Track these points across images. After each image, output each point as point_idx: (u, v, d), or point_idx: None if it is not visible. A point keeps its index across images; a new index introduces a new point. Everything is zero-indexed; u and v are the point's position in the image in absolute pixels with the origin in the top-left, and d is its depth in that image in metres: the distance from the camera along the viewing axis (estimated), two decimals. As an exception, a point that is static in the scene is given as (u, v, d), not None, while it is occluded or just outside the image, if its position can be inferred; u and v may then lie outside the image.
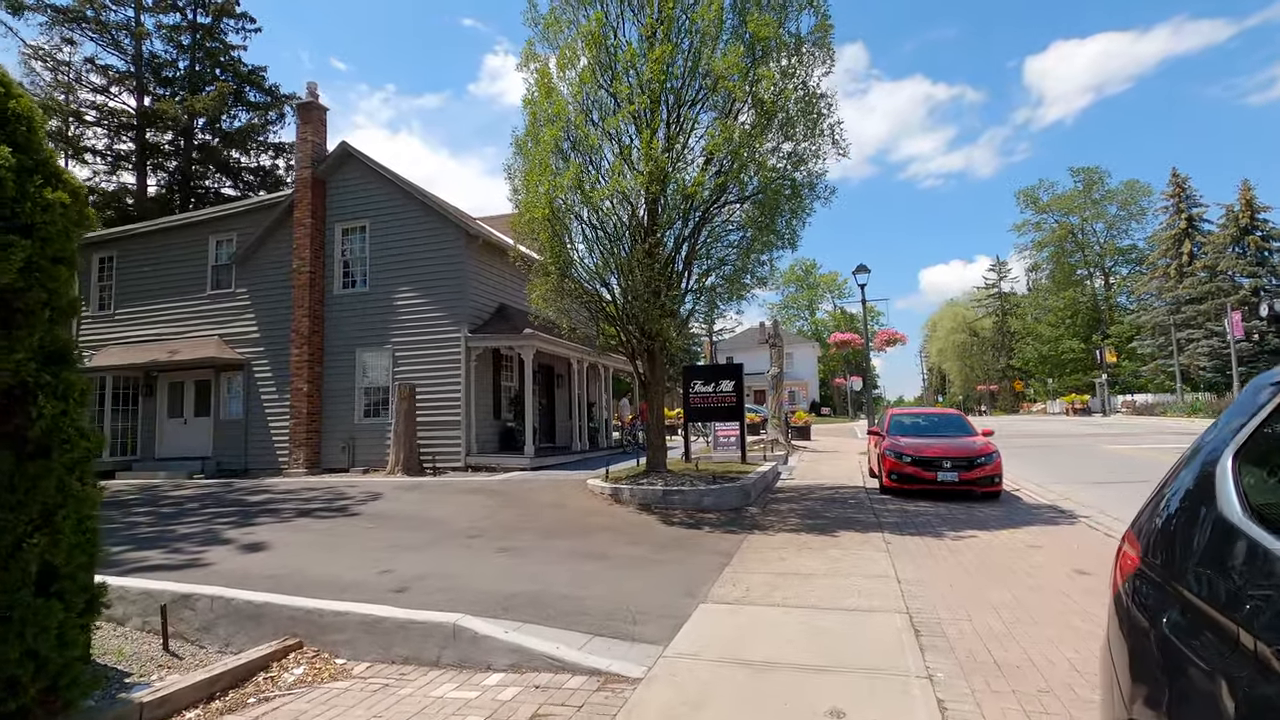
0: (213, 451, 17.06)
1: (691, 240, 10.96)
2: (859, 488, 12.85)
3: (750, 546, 7.88)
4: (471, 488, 12.29)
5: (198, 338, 17.48)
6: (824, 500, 11.32)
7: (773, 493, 12.41)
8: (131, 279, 18.58)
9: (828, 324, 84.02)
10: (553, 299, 10.87)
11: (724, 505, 10.37)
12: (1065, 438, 25.33)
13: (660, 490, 10.50)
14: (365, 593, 5.85)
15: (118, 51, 26.94)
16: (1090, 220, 62.10)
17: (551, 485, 12.41)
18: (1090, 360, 57.80)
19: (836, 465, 17.42)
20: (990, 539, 8.06)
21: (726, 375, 15.41)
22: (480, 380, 15.87)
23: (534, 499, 11.09)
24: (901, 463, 11.44)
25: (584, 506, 10.45)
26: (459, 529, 8.88)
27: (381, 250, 16.20)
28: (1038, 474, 14.22)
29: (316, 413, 16.05)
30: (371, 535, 8.58)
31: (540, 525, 9.13)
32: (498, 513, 10.02)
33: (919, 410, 14.83)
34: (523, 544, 7.97)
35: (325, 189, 16.69)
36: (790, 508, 10.59)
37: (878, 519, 9.48)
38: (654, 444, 11.94)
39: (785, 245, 10.61)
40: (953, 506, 10.47)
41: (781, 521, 9.43)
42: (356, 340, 16.20)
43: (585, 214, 10.36)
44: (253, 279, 17.26)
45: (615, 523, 9.32)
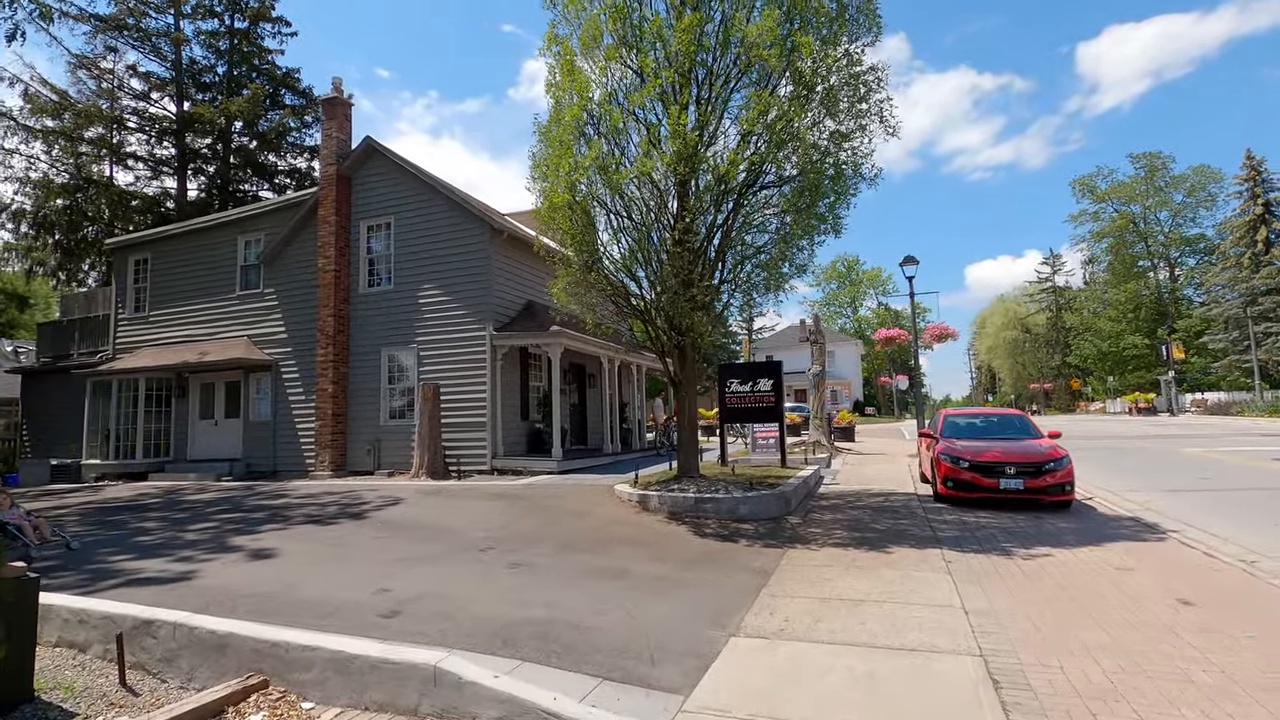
0: (242, 453, 16.91)
1: (725, 228, 10.13)
2: (910, 495, 11.82)
3: (790, 564, 7.03)
4: (494, 493, 11.69)
5: (227, 339, 17.37)
6: (872, 509, 10.35)
7: (815, 500, 11.49)
8: (165, 281, 18.62)
9: (871, 321, 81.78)
10: (576, 292, 10.17)
11: (761, 514, 9.51)
12: (1133, 439, 23.56)
13: (692, 498, 9.70)
14: (352, 617, 5.22)
15: (158, 58, 27.43)
16: (1153, 209, 58.58)
17: (577, 491, 11.72)
18: (1155, 356, 54.59)
19: (884, 469, 16.32)
20: (1069, 559, 7.03)
21: (764, 373, 14.50)
22: (507, 380, 15.29)
23: (557, 506, 10.41)
24: (958, 468, 10.39)
25: (609, 515, 9.72)
26: (473, 540, 8.24)
27: (406, 246, 15.77)
28: (1108, 480, 12.94)
29: (342, 414, 15.71)
30: (379, 546, 8.00)
31: (559, 536, 8.42)
32: (516, 521, 9.36)
33: (976, 410, 13.67)
34: (537, 558, 7.27)
35: (350, 186, 16.36)
36: (835, 517, 9.67)
37: (934, 532, 8.50)
38: (686, 447, 11.14)
39: (829, 230, 9.69)
40: (1018, 518, 9.40)
41: (825, 534, 8.54)
42: (382, 340, 15.81)
43: (609, 199, 9.63)
44: (280, 279, 17.05)
45: (641, 534, 8.56)
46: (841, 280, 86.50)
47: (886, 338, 19.56)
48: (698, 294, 9.74)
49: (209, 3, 28.34)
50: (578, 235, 9.48)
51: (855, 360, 65.39)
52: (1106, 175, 62.02)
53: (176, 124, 27.40)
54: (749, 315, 73.40)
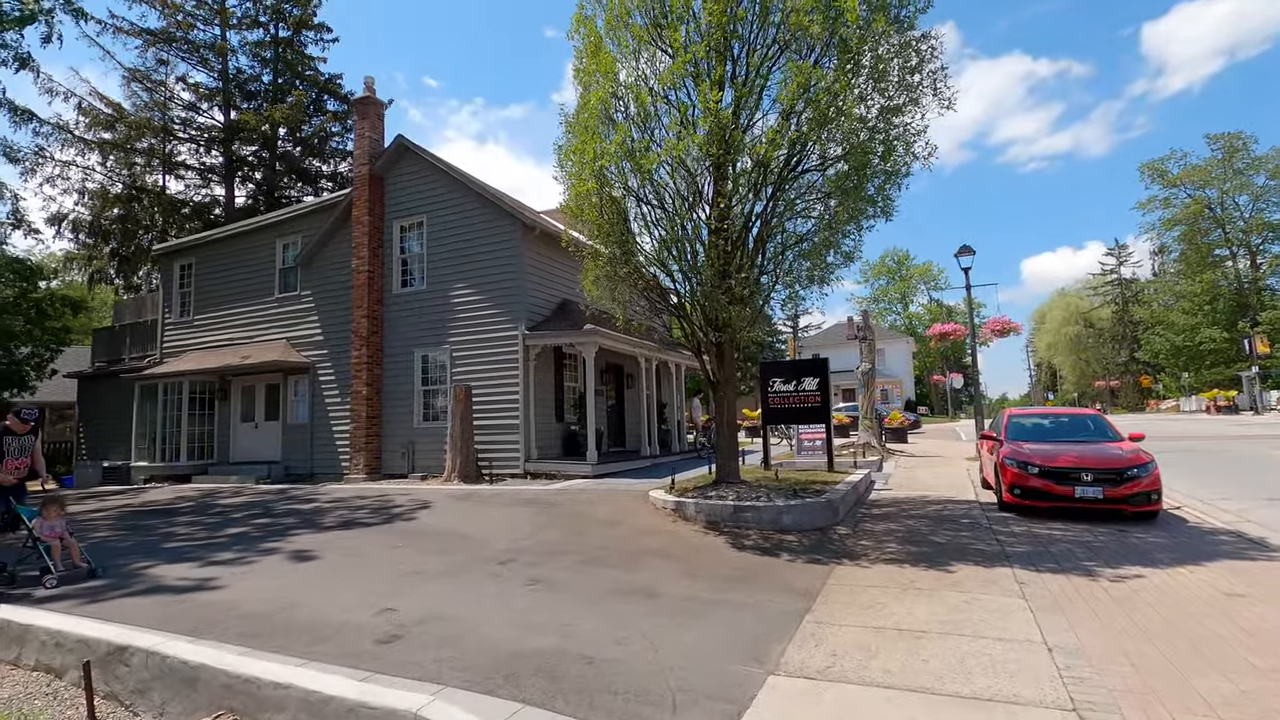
0: (281, 456, 16.93)
1: (764, 215, 9.39)
2: (970, 502, 10.85)
3: (839, 583, 6.29)
4: (524, 498, 11.22)
5: (266, 342, 17.44)
6: (929, 519, 9.47)
7: (865, 507, 10.64)
8: (208, 285, 18.86)
9: (922, 318, 79.10)
10: (606, 286, 9.59)
11: (806, 524, 8.75)
12: (1215, 440, 21.70)
13: (730, 505, 9.00)
14: (347, 643, 4.74)
15: (206, 69, 28.16)
16: (1231, 193, 54.58)
17: (611, 496, 11.15)
18: (1235, 351, 50.94)
19: (940, 473, 15.27)
20: (1166, 582, 6.10)
21: (809, 372, 13.69)
22: (540, 381, 14.85)
23: (587, 513, 9.85)
24: (1027, 474, 9.41)
25: (641, 524, 9.10)
26: (494, 551, 7.74)
27: (438, 246, 15.49)
28: (1192, 486, 11.67)
29: (376, 416, 15.53)
30: (396, 557, 7.58)
31: (586, 548, 7.85)
32: (543, 530, 8.83)
33: (1044, 410, 12.54)
34: (559, 573, 6.71)
35: (383, 186, 16.19)
36: (888, 528, 8.83)
37: (1001, 547, 7.61)
38: (725, 450, 10.44)
39: (878, 214, 8.86)
40: (1097, 531, 8.40)
41: (878, 547, 7.74)
42: (415, 341, 15.57)
43: (639, 187, 9.01)
44: (316, 281, 17.02)
45: (674, 546, 7.92)
46: (891, 276, 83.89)
47: (941, 333, 18.39)
48: (735, 286, 9.04)
49: (254, 13, 28.97)
50: (605, 226, 8.90)
51: (906, 358, 63.20)
52: (1179, 159, 58.21)
53: (224, 132, 28.05)
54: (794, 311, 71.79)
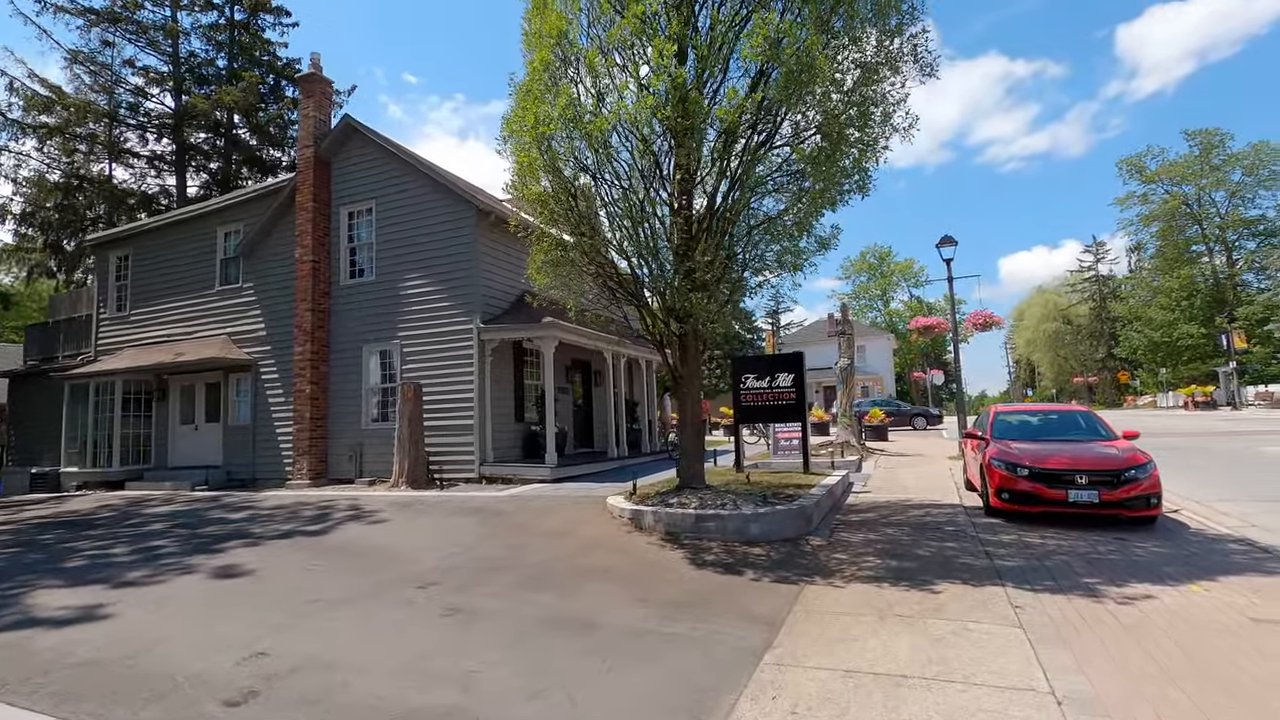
0: (222, 460, 15.77)
1: (730, 193, 8.49)
2: (955, 507, 10.07)
3: (808, 608, 5.42)
4: (471, 506, 10.24)
5: (206, 338, 16.27)
6: (911, 526, 8.64)
7: (842, 512, 9.81)
8: (146, 277, 17.62)
9: (903, 314, 79.04)
10: (553, 271, 8.65)
11: (776, 535, 7.89)
12: (1201, 436, 21.25)
13: (692, 515, 8.11)
14: (191, 701, 3.78)
15: (155, 52, 26.71)
16: (1208, 189, 54.74)
17: (565, 504, 10.22)
18: (1212, 346, 51.15)
19: (921, 474, 14.51)
20: (1180, 604, 5.29)
21: (785, 367, 12.86)
22: (498, 378, 13.86)
23: (535, 524, 8.91)
24: (1016, 476, 8.63)
25: (593, 536, 8.18)
26: (419, 571, 6.77)
27: (388, 233, 14.44)
28: (1187, 486, 10.99)
29: (321, 417, 14.45)
30: (304, 580, 6.59)
31: (525, 566, 6.92)
32: (482, 544, 7.88)
33: (1032, 406, 11.80)
34: (485, 600, 5.77)
35: (330, 171, 15.10)
36: (866, 538, 7.99)
37: (991, 560, 6.80)
38: (689, 452, 9.56)
39: (855, 189, 8.02)
40: (1093, 539, 7.62)
41: (854, 562, 6.89)
42: (364, 336, 14.50)
43: (591, 160, 8.08)
44: (259, 272, 15.88)
45: (625, 562, 7.01)
46: (872, 272, 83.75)
47: (924, 326, 17.64)
48: (698, 271, 8.15)
49: (207, -6, 27.54)
50: (550, 203, 7.95)
51: (887, 355, 62.81)
52: (1157, 155, 58.32)
53: (174, 119, 26.61)
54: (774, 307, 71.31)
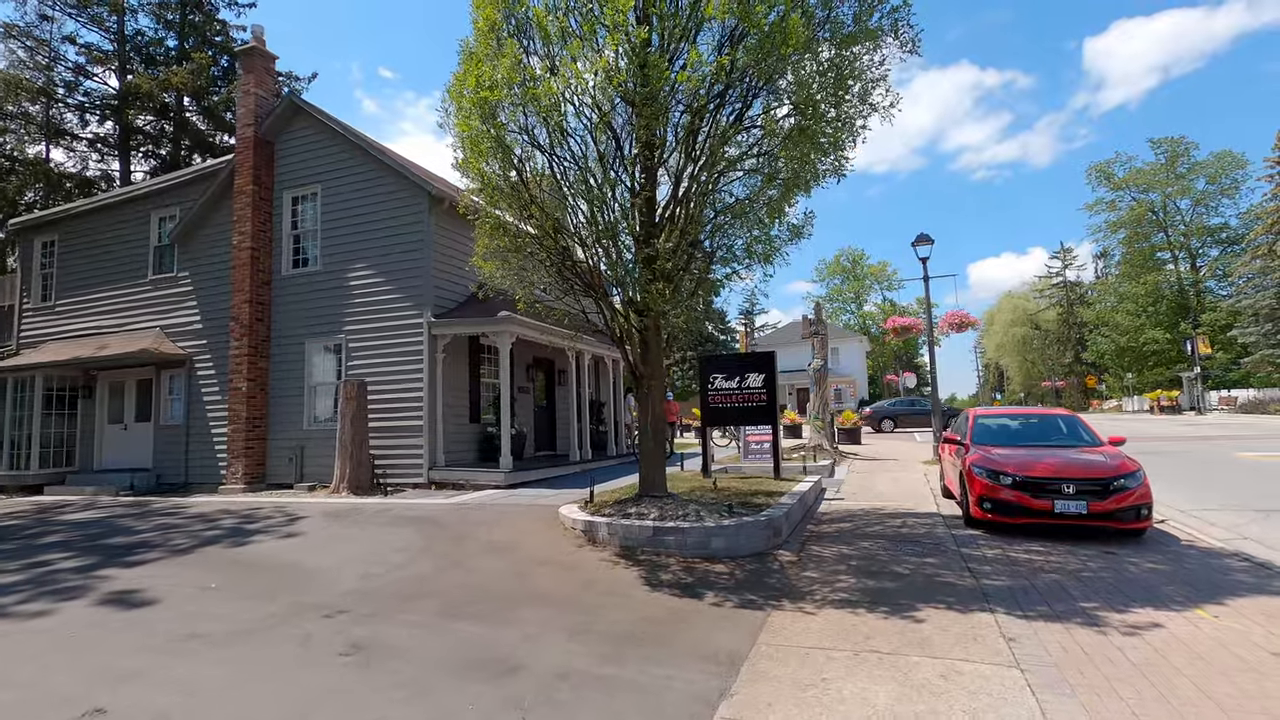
0: (153, 462, 14.62)
1: (698, 174, 7.75)
2: (933, 516, 9.45)
3: (774, 641, 4.69)
4: (412, 516, 9.35)
5: (137, 330, 15.10)
6: (888, 538, 7.98)
7: (815, 521, 9.13)
8: (74, 265, 16.36)
9: (876, 317, 79.41)
10: (501, 259, 7.81)
11: (742, 549, 7.16)
12: (1174, 441, 21.10)
13: (650, 527, 7.34)
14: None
15: (99, 28, 25.19)
16: (1174, 196, 55.58)
17: (515, 513, 9.39)
18: (1176, 352, 51.91)
19: (897, 479, 13.94)
20: (1191, 633, 4.67)
21: (755, 367, 12.17)
22: (453, 376, 12.97)
23: (478, 537, 8.06)
24: (998, 485, 8.01)
25: (539, 551, 7.38)
26: (332, 595, 5.90)
27: (335, 220, 13.46)
28: (1167, 493, 10.50)
29: (260, 417, 13.40)
30: (193, 607, 5.68)
31: (455, 588, 6.09)
32: (413, 562, 7.02)
33: (1012, 410, 11.25)
34: (397, 632, 4.93)
35: (273, 152, 14.06)
36: (840, 552, 7.30)
37: (977, 580, 6.14)
38: (650, 457, 8.80)
39: (830, 170, 7.33)
40: (1082, 554, 7.03)
41: (827, 581, 6.18)
42: (307, 330, 13.50)
43: (542, 133, 7.27)
44: (196, 260, 14.76)
45: (570, 584, 6.22)
46: (846, 275, 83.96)
47: (900, 326, 17.12)
48: (659, 259, 7.39)
49: (155, -32, 26.02)
50: (496, 180, 7.13)
51: (861, 357, 62.94)
52: (1125, 162, 59.15)
53: (117, 100, 25.12)
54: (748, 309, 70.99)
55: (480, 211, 7.69)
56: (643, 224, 7.97)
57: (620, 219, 7.58)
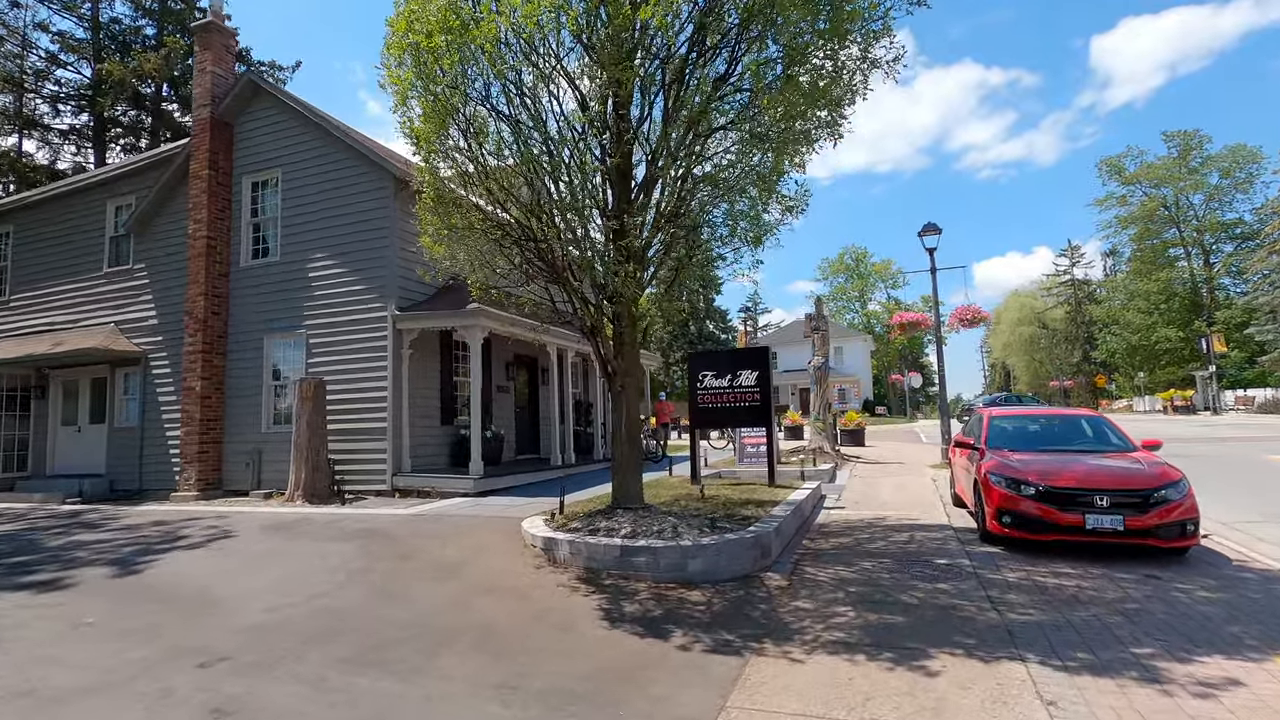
0: (107, 467, 13.70)
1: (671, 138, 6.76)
2: (943, 528, 8.44)
3: (748, 704, 3.70)
4: (361, 530, 8.38)
5: (92, 326, 14.17)
6: (893, 557, 6.96)
7: (811, 535, 8.13)
8: (28, 258, 15.46)
9: (881, 316, 78.28)
10: (448, 237, 6.83)
11: (723, 572, 6.17)
12: (1193, 443, 19.99)
13: (618, 545, 6.35)
14: None
15: (72, 15, 24.33)
16: (1186, 191, 54.37)
17: (478, 526, 8.41)
18: (1190, 350, 50.62)
19: (903, 485, 12.92)
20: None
21: (748, 363, 11.20)
22: (421, 375, 12.01)
23: (426, 555, 7.09)
24: (1019, 496, 7.00)
25: (491, 573, 6.39)
26: (221, 635, 4.93)
27: (295, 207, 12.51)
28: (1204, 503, 9.43)
29: (215, 419, 12.46)
30: (46, 650, 4.72)
31: (377, 624, 5.11)
32: (339, 589, 6.04)
33: (1031, 411, 10.22)
34: (276, 693, 3.95)
35: (233, 135, 13.12)
36: (838, 574, 6.30)
37: (1000, 612, 5.13)
38: (623, 463, 7.81)
39: (825, 130, 6.34)
40: (1119, 576, 6.03)
41: (821, 615, 5.18)
42: (266, 325, 12.54)
43: (490, 89, 6.29)
44: (152, 252, 13.84)
45: (517, 617, 5.24)
46: (850, 273, 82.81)
47: (907, 322, 16.05)
48: (629, 235, 6.40)
49: (131, -46, 25.09)
50: (430, 137, 6.14)
51: (865, 357, 61.85)
52: (1136, 156, 57.85)
53: (91, 89, 24.26)
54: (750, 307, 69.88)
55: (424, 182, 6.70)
56: (615, 197, 7.00)
57: (584, 191, 6.60)
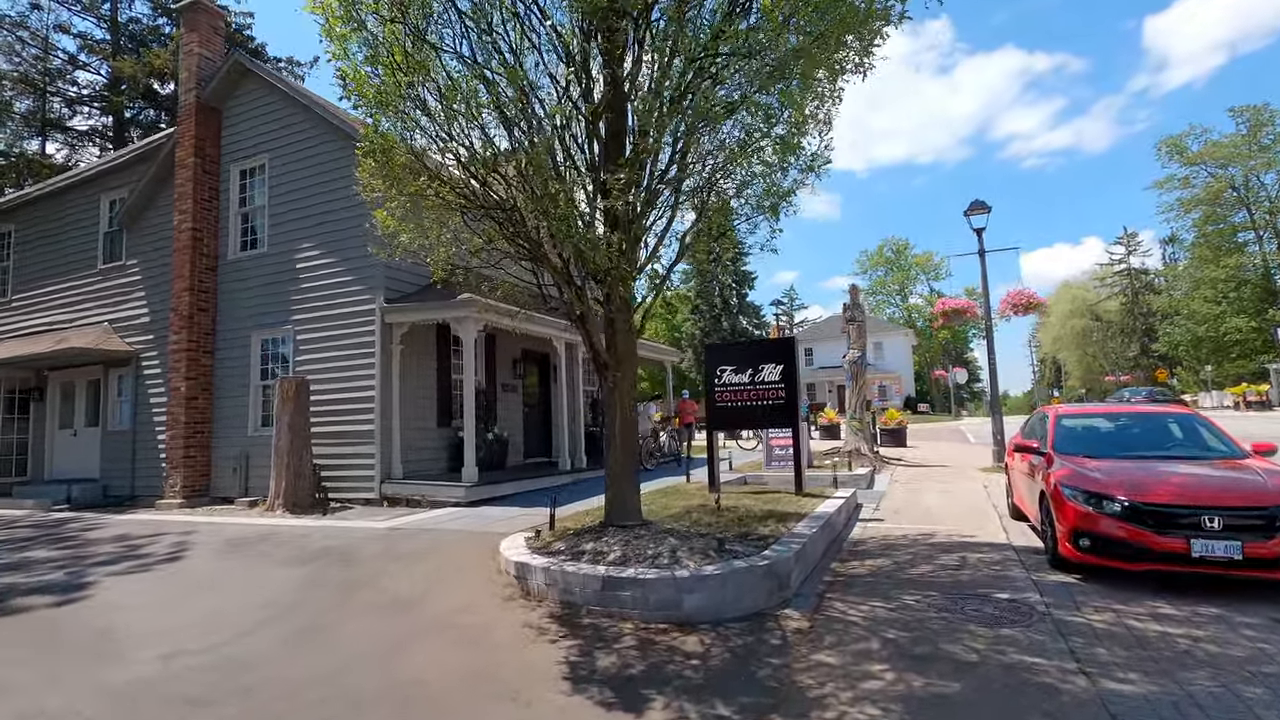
0: (100, 472, 13.15)
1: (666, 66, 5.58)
2: (1002, 548, 7.09)
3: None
4: (324, 548, 7.42)
5: (87, 325, 13.65)
6: (942, 588, 5.67)
7: (842, 556, 6.89)
8: (29, 256, 15.07)
9: (922, 309, 75.48)
10: (403, 208, 5.78)
11: (728, 610, 5.00)
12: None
13: (600, 576, 5.21)
14: None
15: (92, 15, 24.31)
16: (1257, 170, 50.65)
17: (456, 543, 7.38)
18: (1262, 341, 47.07)
19: (950, 492, 11.50)
20: None
21: (771, 356, 9.94)
22: (415, 373, 11.09)
23: (383, 582, 6.06)
24: (1102, 514, 5.65)
25: (447, 608, 5.33)
26: (86, 696, 3.97)
27: (283, 195, 11.71)
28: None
29: (203, 422, 11.74)
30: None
31: (279, 685, 4.08)
32: (261, 627, 5.04)
33: (1105, 408, 8.70)
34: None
35: (220, 120, 12.40)
36: (871, 616, 5.05)
37: (1089, 677, 3.86)
38: (617, 472, 6.68)
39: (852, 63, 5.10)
40: (1241, 621, 4.68)
41: (849, 678, 3.97)
42: (254, 321, 11.78)
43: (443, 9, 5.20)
44: (143, 246, 13.23)
45: (458, 674, 4.16)
46: (890, 266, 79.97)
47: (951, 310, 14.48)
48: (613, 194, 5.25)
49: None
50: (363, 78, 5.09)
51: (906, 352, 59.53)
52: (1199, 135, 54.05)
53: (108, 90, 24.16)
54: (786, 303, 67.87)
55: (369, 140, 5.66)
56: (603, 154, 5.86)
57: (559, 143, 5.48)
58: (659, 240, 6.74)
